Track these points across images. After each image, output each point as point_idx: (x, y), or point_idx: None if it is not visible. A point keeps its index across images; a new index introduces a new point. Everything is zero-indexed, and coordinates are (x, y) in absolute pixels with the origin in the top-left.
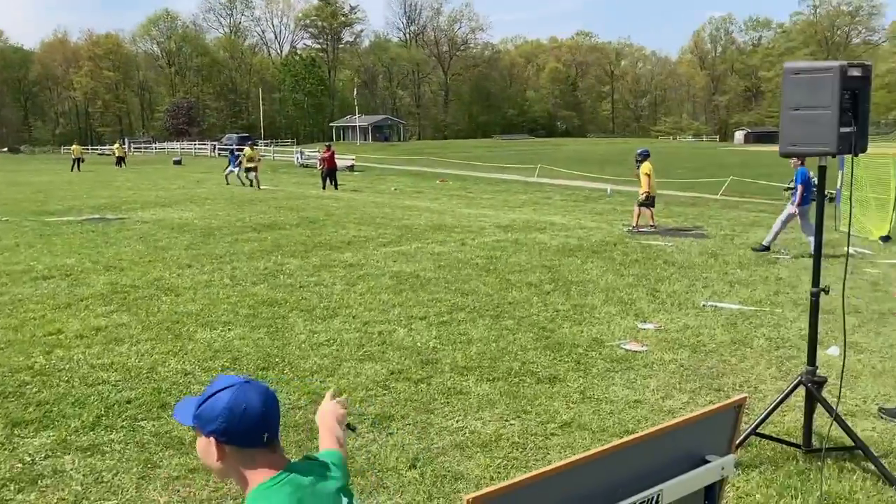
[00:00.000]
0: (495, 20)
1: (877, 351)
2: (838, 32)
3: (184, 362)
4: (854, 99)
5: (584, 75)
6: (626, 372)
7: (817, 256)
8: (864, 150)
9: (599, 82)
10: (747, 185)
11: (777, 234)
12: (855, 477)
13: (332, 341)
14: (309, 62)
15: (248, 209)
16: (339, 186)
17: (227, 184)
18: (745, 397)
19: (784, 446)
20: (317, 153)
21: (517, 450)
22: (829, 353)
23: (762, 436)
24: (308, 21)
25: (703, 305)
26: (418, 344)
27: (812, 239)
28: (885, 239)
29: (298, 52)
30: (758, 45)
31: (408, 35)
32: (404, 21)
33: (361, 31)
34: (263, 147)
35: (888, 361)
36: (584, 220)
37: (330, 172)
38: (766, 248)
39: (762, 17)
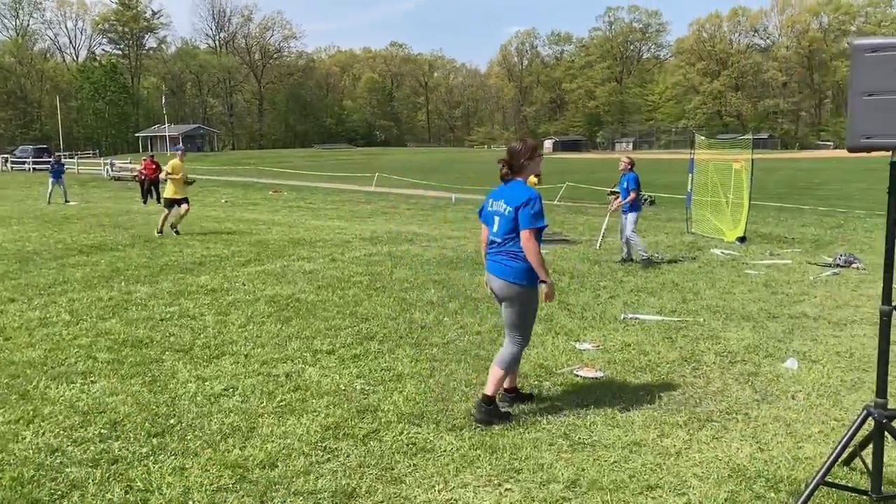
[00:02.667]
0: (308, 29)
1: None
2: (631, 48)
3: (44, 434)
4: None
5: (399, 86)
6: (599, 406)
7: (888, 271)
8: None
9: (414, 93)
10: (580, 191)
11: (639, 242)
12: None
13: (231, 390)
14: (109, 68)
15: (65, 228)
16: (161, 199)
17: (49, 203)
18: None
19: (850, 493)
20: (129, 164)
21: None
22: (787, 366)
23: (828, 484)
24: (107, 25)
25: (624, 318)
26: (341, 386)
27: (638, 242)
28: (742, 240)
29: (97, 57)
30: (560, 58)
31: (217, 42)
32: (213, 27)
33: (165, 36)
34: (66, 159)
35: None
36: (445, 230)
37: (151, 184)
38: (649, 260)
39: (563, 32)
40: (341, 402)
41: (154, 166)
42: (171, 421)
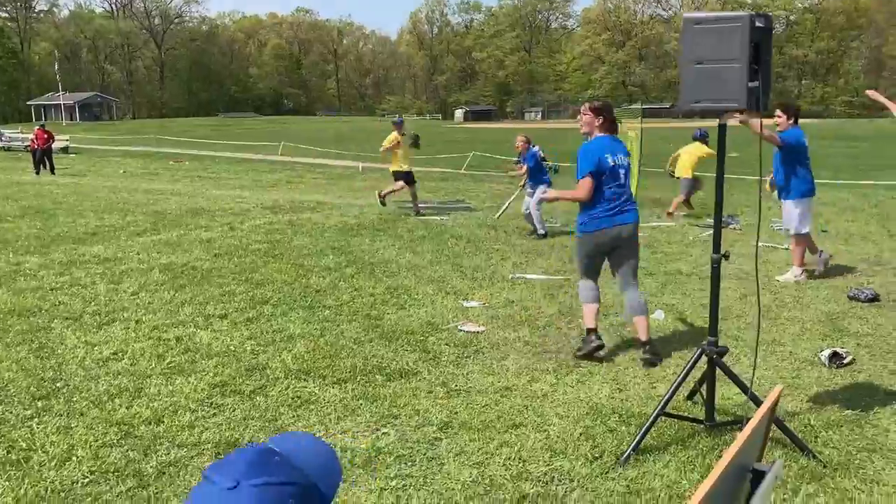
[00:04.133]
0: None
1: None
2: (539, 17)
3: None
4: (757, 52)
5: (307, 53)
6: (477, 356)
7: (718, 223)
8: (766, 106)
9: (323, 60)
10: (487, 160)
11: (540, 217)
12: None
13: (120, 354)
14: None
15: None
16: (55, 170)
17: None
18: (781, 388)
19: (688, 423)
20: (19, 133)
21: (406, 464)
22: (655, 317)
23: (668, 415)
24: None
25: (512, 278)
26: (231, 348)
27: (537, 217)
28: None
29: None
30: (470, 27)
31: (114, 6)
32: None
33: None
34: None
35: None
36: (349, 199)
37: (44, 155)
38: (545, 235)
39: (473, 1)
40: (230, 362)
41: (46, 136)
42: (58, 385)
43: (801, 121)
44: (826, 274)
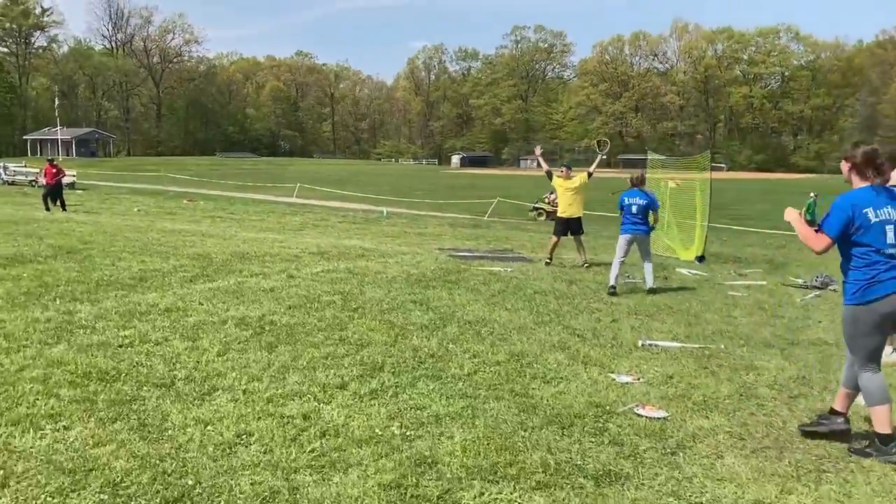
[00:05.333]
0: (210, 35)
1: None
2: (536, 67)
3: (25, 502)
4: None
5: (304, 96)
6: (686, 453)
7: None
8: None
9: (320, 103)
10: (505, 206)
11: (617, 270)
12: None
13: (245, 437)
14: None
15: None
16: (66, 207)
17: None
18: None
19: None
20: (23, 167)
21: None
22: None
23: None
24: None
25: (642, 345)
26: (376, 431)
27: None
28: (701, 259)
29: None
30: (467, 74)
31: (114, 43)
32: (109, 28)
33: (57, 35)
34: None
35: None
36: (392, 245)
37: (52, 190)
38: (612, 287)
39: (470, 49)
40: (387, 451)
41: (55, 171)
42: (187, 481)
43: (796, 176)
44: None
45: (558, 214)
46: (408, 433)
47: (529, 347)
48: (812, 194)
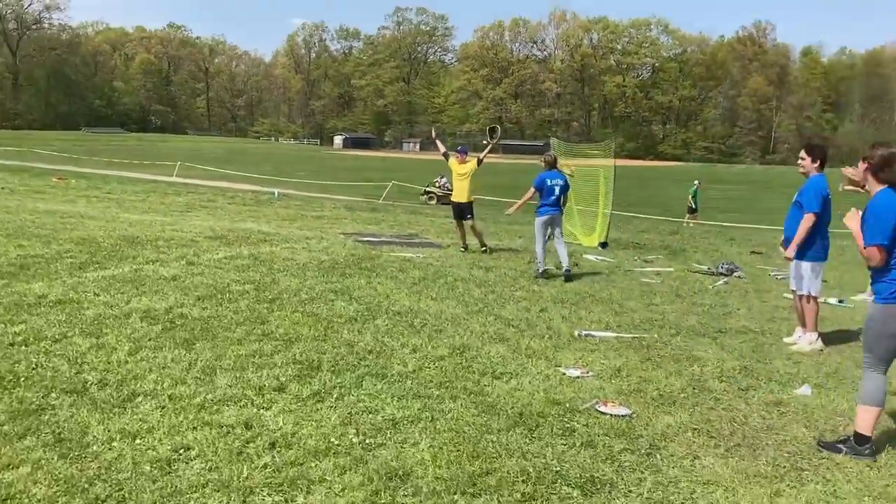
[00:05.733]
0: (74, 2)
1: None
2: (418, 49)
3: None
4: None
5: (177, 70)
6: (662, 455)
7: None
8: None
9: (193, 78)
10: (399, 190)
11: (543, 252)
12: None
13: (183, 451)
14: None
15: None
16: None
17: None
18: None
19: None
20: None
21: None
22: (802, 392)
23: None
24: None
25: (579, 335)
26: (332, 441)
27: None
28: (604, 245)
29: None
30: (349, 54)
31: None
32: None
33: None
34: None
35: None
36: (292, 229)
37: None
38: (543, 272)
39: (352, 28)
40: (350, 463)
41: None
42: None
43: (665, 164)
44: None
45: (452, 199)
46: (367, 441)
47: (469, 340)
48: (696, 182)
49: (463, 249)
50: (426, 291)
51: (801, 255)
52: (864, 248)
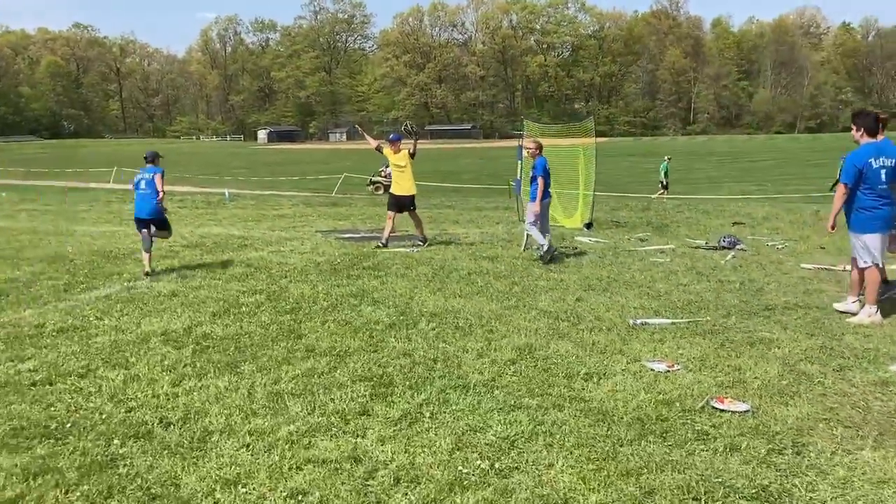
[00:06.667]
0: None
1: None
2: (337, 38)
3: None
4: None
5: (87, 71)
6: (811, 453)
7: None
8: None
9: (105, 79)
10: (348, 180)
11: (537, 235)
12: None
13: (302, 498)
14: None
15: None
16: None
17: None
18: None
19: None
20: None
21: None
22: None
23: None
24: None
25: (633, 324)
26: (462, 469)
27: (536, 234)
28: (589, 226)
29: None
30: (266, 46)
31: None
32: None
33: None
34: None
35: None
36: (262, 230)
37: None
38: (550, 253)
39: (268, 20)
40: (497, 497)
41: None
42: None
43: (592, 140)
44: None
45: (393, 192)
46: (496, 466)
47: (528, 339)
48: (666, 157)
49: (381, 245)
50: (447, 288)
51: (856, 227)
52: None
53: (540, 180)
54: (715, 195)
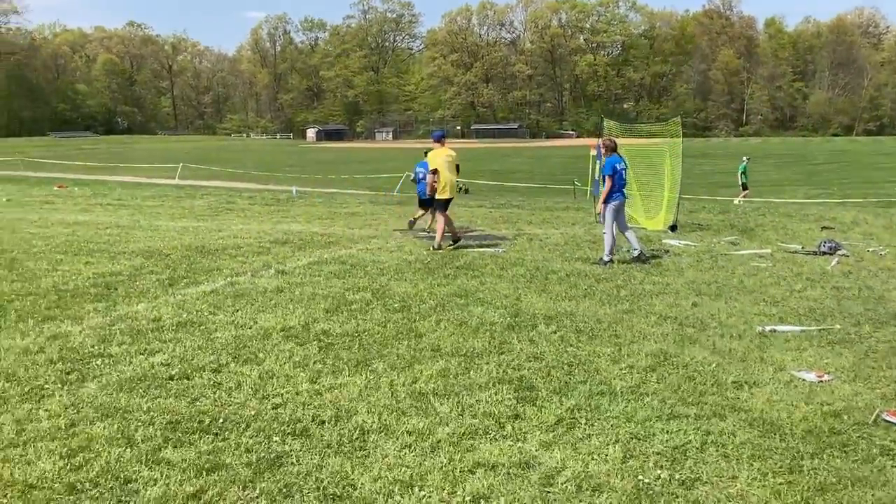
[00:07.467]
0: (31, 4)
1: None
2: (386, 38)
3: None
4: None
5: (140, 69)
6: None
7: None
8: None
9: (157, 77)
10: (395, 181)
11: (613, 240)
12: None
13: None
14: None
15: None
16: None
17: None
18: None
19: None
20: None
21: None
22: None
23: None
24: None
25: (761, 331)
26: (644, 479)
27: (608, 239)
28: (673, 228)
29: None
30: (315, 46)
31: None
32: None
33: None
34: None
35: None
36: (341, 228)
37: None
38: (610, 261)
39: (317, 19)
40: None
41: None
42: None
43: (646, 141)
44: None
45: (444, 195)
46: (677, 476)
47: (658, 345)
48: (745, 158)
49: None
50: (550, 290)
51: None
52: None
53: (607, 180)
54: (781, 199)
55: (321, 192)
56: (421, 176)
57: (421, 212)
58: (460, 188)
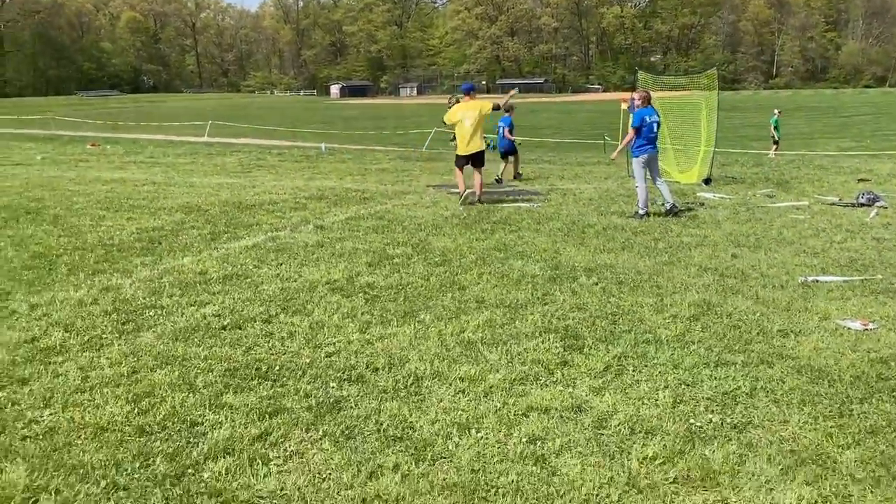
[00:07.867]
0: None
1: None
2: None
3: None
4: None
5: (164, 26)
6: None
7: None
8: None
9: (181, 35)
10: (423, 136)
11: (646, 193)
12: None
13: (550, 443)
14: None
15: None
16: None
17: None
18: None
19: None
20: None
21: None
22: None
23: None
24: None
25: (804, 281)
26: (695, 423)
27: (640, 192)
28: (707, 181)
29: None
30: (338, 0)
31: None
32: None
33: None
34: None
35: None
36: (375, 184)
37: None
38: (646, 214)
39: None
40: (744, 450)
41: None
42: None
43: (673, 94)
44: None
45: (458, 152)
46: (728, 420)
47: (701, 295)
48: (776, 111)
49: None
50: (589, 243)
51: None
52: None
53: (630, 131)
54: (814, 151)
55: (349, 148)
56: (501, 132)
57: (503, 164)
58: (489, 144)
